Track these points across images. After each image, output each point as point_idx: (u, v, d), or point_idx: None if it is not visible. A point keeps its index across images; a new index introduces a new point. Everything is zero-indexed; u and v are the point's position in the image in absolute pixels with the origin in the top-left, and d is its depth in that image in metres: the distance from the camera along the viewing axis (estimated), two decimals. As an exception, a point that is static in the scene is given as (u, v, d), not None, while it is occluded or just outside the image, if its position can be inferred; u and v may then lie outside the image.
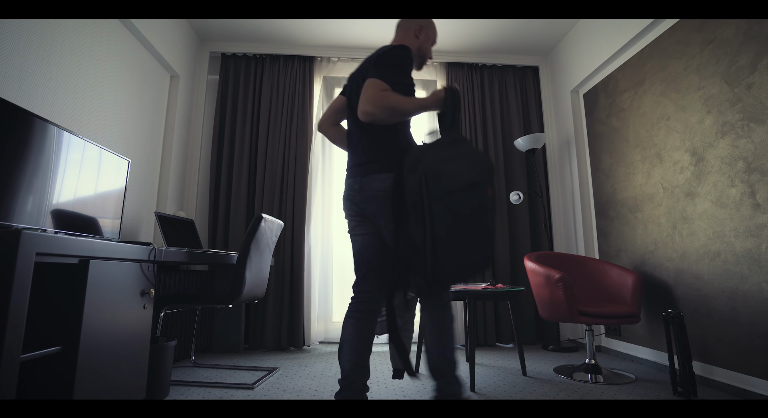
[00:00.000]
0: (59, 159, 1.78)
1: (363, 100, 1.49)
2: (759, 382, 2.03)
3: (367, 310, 1.67)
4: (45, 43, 2.07)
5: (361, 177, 1.66)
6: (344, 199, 1.77)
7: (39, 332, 1.48)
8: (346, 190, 1.75)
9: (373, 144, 1.67)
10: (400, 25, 1.88)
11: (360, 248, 1.75)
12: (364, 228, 1.74)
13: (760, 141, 2.04)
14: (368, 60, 1.72)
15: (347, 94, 1.82)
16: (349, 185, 1.72)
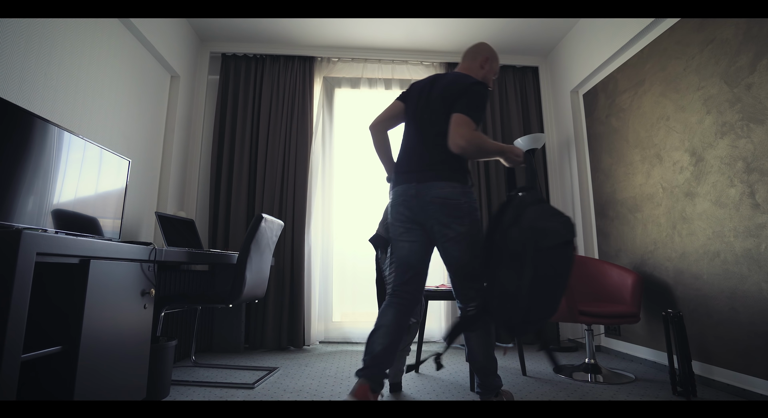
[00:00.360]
0: (60, 159, 1.78)
1: (458, 135, 1.69)
2: (759, 382, 2.04)
3: (408, 304, 1.81)
4: (46, 44, 2.08)
5: (417, 183, 1.78)
6: (394, 206, 1.86)
7: (40, 331, 1.49)
8: (396, 196, 1.85)
9: (433, 155, 1.80)
10: (468, 53, 2.04)
11: (406, 254, 1.84)
12: (413, 235, 1.83)
13: (760, 141, 2.04)
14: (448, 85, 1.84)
15: (410, 103, 1.94)
16: (401, 191, 1.82)
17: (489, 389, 1.79)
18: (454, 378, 2.45)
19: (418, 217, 1.79)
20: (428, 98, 1.88)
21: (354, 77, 4.00)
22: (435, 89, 1.89)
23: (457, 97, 1.79)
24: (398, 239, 1.86)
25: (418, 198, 1.77)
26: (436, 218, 1.75)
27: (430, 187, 1.75)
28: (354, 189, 3.89)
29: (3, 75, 1.83)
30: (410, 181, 1.80)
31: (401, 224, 1.84)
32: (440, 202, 1.74)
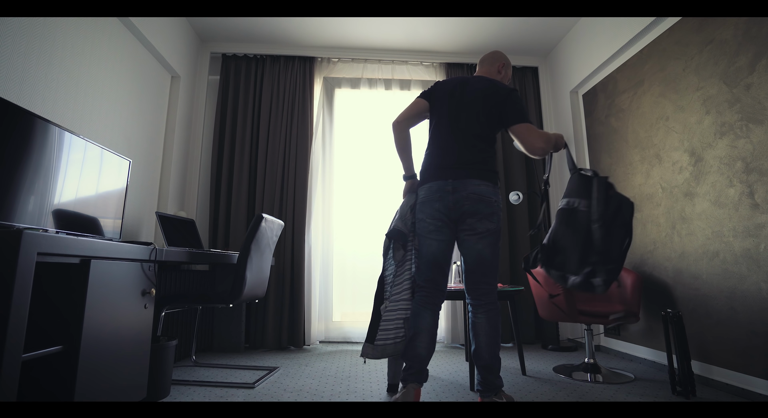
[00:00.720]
0: (60, 159, 1.79)
1: (536, 140, 1.85)
2: (758, 381, 2.04)
3: (439, 302, 1.91)
4: (46, 44, 2.08)
5: (453, 180, 1.86)
6: (427, 202, 1.90)
7: (40, 331, 1.49)
8: (430, 193, 1.89)
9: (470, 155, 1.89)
10: (486, 59, 2.17)
11: (435, 252, 1.89)
12: (442, 234, 1.89)
13: (759, 141, 2.05)
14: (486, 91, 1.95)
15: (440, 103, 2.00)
16: (437, 187, 1.88)
17: (490, 389, 1.81)
18: (453, 378, 2.46)
19: (451, 213, 1.85)
20: (463, 100, 1.95)
21: (354, 77, 4.00)
22: (469, 92, 1.96)
23: (502, 106, 1.92)
24: (427, 236, 1.90)
25: (454, 194, 1.84)
26: (469, 213, 1.83)
27: (466, 183, 1.83)
28: (354, 189, 3.89)
29: (4, 75, 1.84)
30: (446, 178, 1.86)
31: (433, 221, 1.88)
32: (476, 198, 1.83)
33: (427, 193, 1.90)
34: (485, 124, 1.93)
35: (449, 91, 1.99)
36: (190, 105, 3.67)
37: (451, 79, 2.04)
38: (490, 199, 1.85)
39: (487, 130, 1.93)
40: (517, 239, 3.76)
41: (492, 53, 2.18)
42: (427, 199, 1.90)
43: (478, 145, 1.91)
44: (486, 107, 1.92)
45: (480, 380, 1.84)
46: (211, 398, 2.06)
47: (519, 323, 3.31)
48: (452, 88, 2.00)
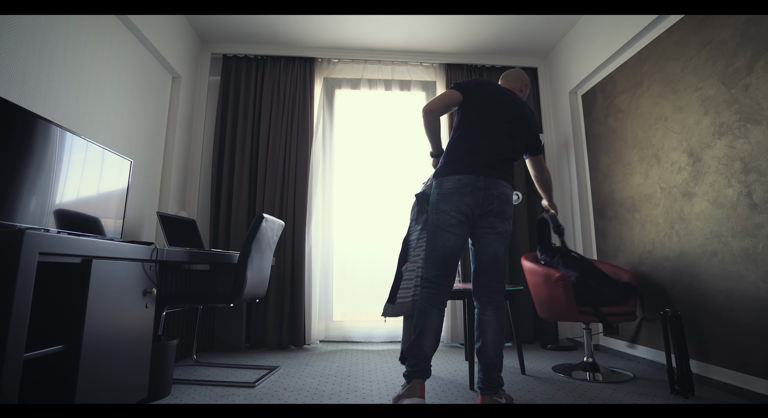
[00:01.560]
0: (62, 159, 1.79)
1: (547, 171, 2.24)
2: (756, 380, 2.05)
3: (446, 299, 1.92)
4: (48, 45, 2.09)
5: (485, 177, 1.89)
6: (458, 194, 1.88)
7: (42, 331, 1.49)
8: (462, 185, 1.88)
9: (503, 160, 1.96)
10: (511, 75, 2.26)
11: (452, 246, 1.89)
12: (462, 230, 1.89)
13: (757, 142, 2.06)
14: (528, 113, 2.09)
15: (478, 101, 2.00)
16: (469, 181, 1.88)
17: (491, 387, 1.83)
18: (453, 377, 2.47)
19: (476, 210, 1.89)
20: (510, 113, 2.01)
21: (354, 78, 4.01)
22: (517, 109, 2.04)
23: (534, 130, 2.10)
24: (448, 229, 1.88)
25: (486, 191, 1.87)
26: (495, 212, 1.89)
27: (497, 183, 1.89)
28: (354, 189, 3.90)
29: (6, 76, 1.85)
30: (478, 174, 1.88)
31: (458, 215, 1.87)
32: (504, 198, 1.90)
33: (456, 185, 1.88)
34: (523, 142, 2.06)
35: (488, 94, 2.02)
36: (191, 105, 3.68)
37: (490, 83, 2.08)
38: (509, 201, 1.93)
39: (520, 148, 2.06)
40: (516, 239, 3.77)
41: (517, 72, 2.27)
42: (455, 192, 1.88)
43: (512, 157, 2.00)
44: (526, 130, 2.05)
45: (482, 378, 1.85)
46: (212, 397, 2.07)
47: (518, 323, 3.32)
48: (493, 92, 2.03)
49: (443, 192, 1.91)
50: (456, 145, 1.98)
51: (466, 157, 1.92)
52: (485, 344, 1.86)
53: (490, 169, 1.90)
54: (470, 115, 1.99)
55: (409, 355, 1.85)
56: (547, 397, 2.08)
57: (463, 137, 1.98)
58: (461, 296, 2.45)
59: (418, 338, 1.84)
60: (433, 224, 1.93)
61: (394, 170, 3.90)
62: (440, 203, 1.91)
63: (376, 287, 3.74)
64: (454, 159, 1.94)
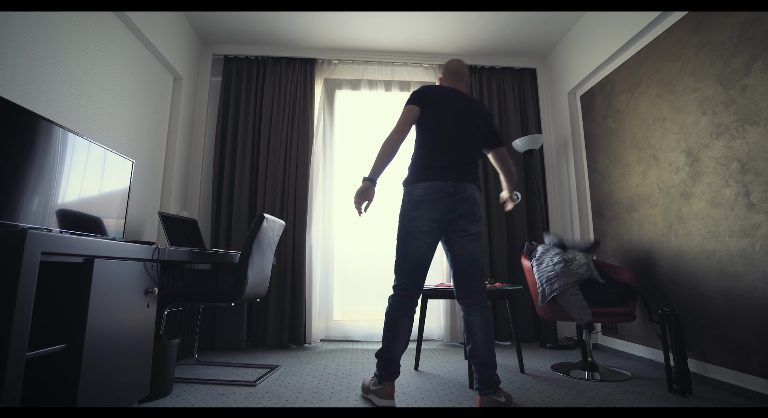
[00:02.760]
0: (64, 160, 1.81)
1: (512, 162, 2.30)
2: (753, 379, 2.06)
3: (416, 307, 2.00)
4: (50, 46, 2.11)
5: (454, 182, 1.95)
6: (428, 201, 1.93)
7: (44, 330, 1.50)
8: (431, 192, 1.93)
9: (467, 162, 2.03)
10: (462, 73, 2.26)
11: (422, 253, 1.94)
12: (432, 237, 1.94)
13: (755, 142, 2.07)
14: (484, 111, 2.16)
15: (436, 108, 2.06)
16: (438, 187, 1.93)
17: (489, 386, 1.86)
18: (453, 376, 2.48)
19: (447, 215, 1.94)
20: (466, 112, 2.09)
21: (354, 79, 4.03)
22: (469, 107, 2.11)
23: (491, 124, 2.18)
24: (419, 236, 1.93)
25: (455, 195, 1.93)
26: (464, 214, 1.94)
27: (465, 186, 1.95)
28: (354, 189, 3.91)
29: (8, 77, 1.86)
30: (447, 179, 1.94)
31: (430, 221, 1.92)
32: (472, 200, 1.96)
33: (426, 192, 1.93)
34: (480, 139, 2.12)
35: (445, 100, 2.08)
36: (193, 106, 3.70)
37: (443, 88, 2.13)
38: (479, 204, 2.01)
39: (480, 145, 2.13)
40: (515, 239, 3.78)
41: (464, 67, 2.27)
42: (426, 199, 1.92)
43: (474, 156, 2.07)
44: (485, 125, 2.14)
45: (478, 379, 1.88)
46: (213, 395, 2.08)
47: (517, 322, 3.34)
48: (448, 96, 2.10)
49: (414, 200, 1.95)
50: (421, 153, 2.03)
51: (433, 163, 1.97)
52: (476, 344, 1.90)
53: (457, 174, 1.96)
54: (429, 123, 2.05)
55: (381, 359, 1.97)
56: (545, 396, 2.09)
57: (426, 145, 2.03)
58: (460, 295, 2.46)
59: (390, 345, 1.95)
60: (404, 231, 1.97)
61: (394, 170, 3.91)
62: (411, 211, 1.95)
63: (377, 287, 3.75)
64: (421, 166, 1.99)
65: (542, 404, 1.97)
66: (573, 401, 2.00)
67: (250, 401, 2.01)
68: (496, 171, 3.82)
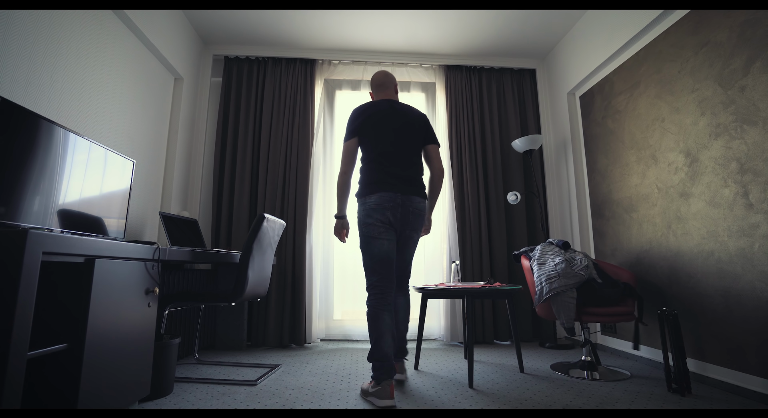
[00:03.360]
0: (65, 160, 1.81)
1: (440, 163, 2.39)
2: (752, 378, 2.07)
3: (391, 300, 2.14)
4: (51, 47, 2.12)
5: (402, 194, 2.17)
6: (378, 209, 2.14)
7: (46, 329, 1.51)
8: (383, 201, 2.14)
9: (413, 173, 2.25)
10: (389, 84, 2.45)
11: (386, 250, 2.14)
12: (390, 234, 2.17)
13: (753, 142, 2.08)
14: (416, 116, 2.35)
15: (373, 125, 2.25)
16: (389, 197, 2.14)
17: (401, 353, 2.38)
18: (452, 375, 2.49)
19: (397, 223, 2.17)
20: (400, 123, 2.28)
21: (354, 79, 4.04)
22: (403, 116, 2.30)
23: (426, 128, 2.37)
24: (379, 237, 2.14)
25: (403, 207, 2.16)
26: (411, 226, 2.23)
27: (412, 200, 2.19)
28: (354, 189, 3.92)
29: (10, 77, 1.87)
30: (395, 191, 2.15)
31: (383, 224, 2.14)
32: (418, 214, 2.22)
33: (378, 201, 2.13)
34: (419, 143, 2.33)
35: (382, 116, 2.27)
36: (193, 106, 3.71)
37: (376, 103, 2.32)
38: (423, 214, 2.27)
39: (419, 149, 2.34)
40: (515, 240, 3.79)
41: (387, 76, 2.47)
42: (379, 207, 2.13)
43: (417, 163, 2.29)
44: (420, 132, 2.33)
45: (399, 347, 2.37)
46: (214, 395, 2.09)
47: (517, 322, 3.35)
48: (384, 111, 2.29)
49: (368, 208, 2.16)
50: (369, 168, 2.22)
51: (381, 178, 2.17)
52: (399, 318, 2.36)
53: (405, 187, 2.18)
54: (369, 144, 2.25)
55: (374, 359, 2.03)
56: (545, 395, 2.10)
57: (372, 162, 2.22)
58: (460, 295, 2.47)
59: (378, 342, 2.04)
60: (365, 235, 2.16)
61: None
62: (367, 217, 2.15)
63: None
64: (371, 181, 2.18)
65: (542, 403, 1.98)
66: (572, 401, 2.01)
67: (250, 400, 2.02)
68: (496, 174, 3.83)
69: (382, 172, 2.18)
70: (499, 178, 3.85)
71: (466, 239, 3.71)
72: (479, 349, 3.31)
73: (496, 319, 3.63)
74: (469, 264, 3.66)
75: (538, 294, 2.50)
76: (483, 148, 3.94)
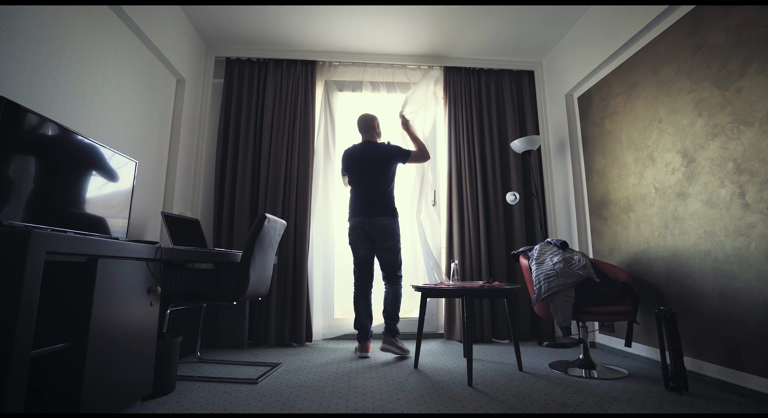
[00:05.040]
0: (69, 160, 1.83)
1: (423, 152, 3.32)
2: (749, 377, 2.08)
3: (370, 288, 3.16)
4: (54, 48, 2.14)
5: (369, 216, 3.05)
6: (354, 228, 3.09)
7: (50, 328, 1.52)
8: (355, 223, 3.09)
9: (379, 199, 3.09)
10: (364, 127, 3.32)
11: (364, 255, 3.11)
12: (365, 245, 3.11)
13: (750, 143, 2.09)
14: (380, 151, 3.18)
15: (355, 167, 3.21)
16: (360, 220, 3.06)
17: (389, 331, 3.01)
18: (451, 374, 2.51)
19: (368, 236, 3.07)
20: (366, 162, 3.14)
21: (355, 81, 4.06)
22: (368, 155, 3.15)
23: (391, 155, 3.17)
24: (357, 246, 3.10)
25: (371, 225, 3.04)
26: (380, 238, 3.04)
27: (377, 220, 3.04)
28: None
29: (14, 78, 1.89)
30: (364, 215, 3.05)
31: (359, 237, 3.08)
32: (381, 228, 3.03)
33: (354, 223, 3.09)
34: (385, 173, 3.12)
35: (356, 157, 3.18)
36: (195, 108, 3.73)
37: (355, 147, 3.25)
38: (391, 227, 3.05)
39: (386, 179, 3.12)
40: (514, 240, 3.81)
41: (365, 120, 3.28)
42: (354, 226, 3.09)
43: (380, 193, 3.09)
44: (384, 162, 3.13)
45: (385, 325, 3.03)
46: (215, 393, 2.11)
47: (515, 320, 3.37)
48: (357, 153, 3.19)
49: (350, 227, 3.12)
50: (350, 197, 3.20)
51: (355, 205, 3.12)
52: (386, 305, 3.05)
53: (371, 209, 3.04)
54: (350, 177, 3.22)
55: (356, 327, 3.07)
56: (543, 393, 2.12)
57: (352, 193, 3.20)
58: (459, 294, 2.49)
59: (358, 317, 3.07)
60: (351, 245, 3.13)
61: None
62: (350, 233, 3.12)
63: (376, 286, 3.77)
64: (351, 208, 3.16)
65: (540, 401, 2.00)
66: (570, 399, 2.03)
67: (251, 398, 2.04)
68: (495, 174, 3.86)
69: (355, 202, 3.11)
70: (498, 179, 3.87)
71: (465, 239, 3.73)
72: (478, 347, 3.33)
73: (495, 318, 3.65)
74: (468, 263, 3.68)
75: (537, 293, 2.52)
76: (482, 148, 3.96)
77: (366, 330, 3.01)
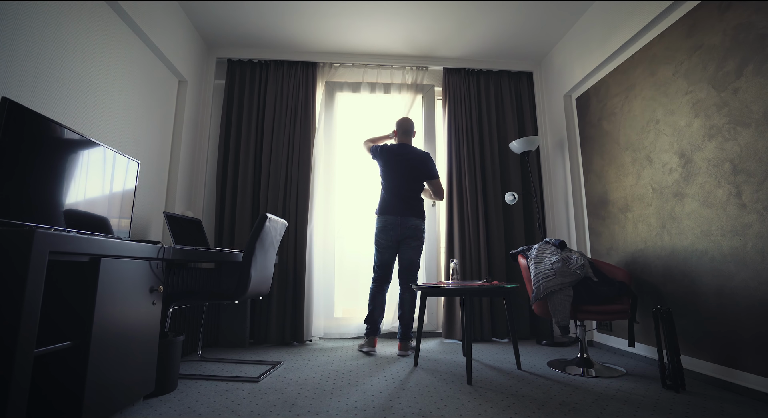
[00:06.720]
0: (72, 161, 1.84)
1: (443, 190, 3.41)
2: (745, 375, 2.10)
3: (387, 287, 3.26)
4: (58, 50, 2.15)
5: (401, 216, 3.17)
6: (384, 229, 3.18)
7: (53, 327, 1.53)
8: (386, 223, 3.18)
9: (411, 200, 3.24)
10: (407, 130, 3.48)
11: (387, 259, 3.22)
12: (391, 249, 3.21)
13: (746, 143, 2.11)
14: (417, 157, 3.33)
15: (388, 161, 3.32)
16: (391, 220, 3.17)
17: (406, 337, 3.12)
18: (451, 372, 2.52)
19: (398, 237, 3.17)
20: (406, 164, 3.27)
21: (355, 82, 4.09)
22: (408, 156, 3.28)
23: (426, 165, 3.31)
24: (384, 251, 3.20)
25: (402, 226, 3.16)
26: (409, 237, 3.18)
27: (408, 220, 3.17)
28: (354, 190, 3.97)
29: (17, 79, 1.90)
30: (396, 214, 3.17)
31: (387, 240, 3.18)
32: (413, 228, 3.18)
33: (384, 222, 3.18)
34: (419, 180, 3.28)
35: (394, 156, 3.29)
36: (197, 108, 3.75)
37: (393, 147, 3.34)
38: (420, 228, 3.21)
39: (420, 185, 3.29)
40: (513, 239, 3.83)
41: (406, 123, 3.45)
42: (384, 227, 3.18)
43: (415, 196, 3.25)
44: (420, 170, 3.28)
45: (401, 332, 3.13)
46: (217, 391, 2.13)
47: (514, 319, 3.39)
48: (397, 152, 3.30)
49: (378, 227, 3.21)
50: (382, 194, 3.29)
51: (387, 205, 3.21)
52: (404, 312, 3.14)
53: (403, 210, 3.17)
54: (382, 173, 3.32)
55: (367, 322, 3.17)
56: (541, 392, 2.14)
57: (384, 190, 3.28)
58: (459, 293, 2.51)
59: (372, 312, 3.17)
60: (377, 245, 3.23)
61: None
62: (378, 234, 3.21)
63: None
64: (382, 204, 3.24)
65: (538, 399, 2.02)
66: (568, 397, 2.05)
67: (253, 396, 2.05)
68: (494, 174, 3.88)
69: (388, 200, 3.21)
70: (497, 179, 3.89)
71: (464, 239, 3.75)
72: (477, 346, 3.35)
73: (494, 317, 3.67)
74: (468, 263, 3.70)
75: (535, 292, 2.54)
76: (481, 149, 3.98)
77: (376, 326, 3.16)
